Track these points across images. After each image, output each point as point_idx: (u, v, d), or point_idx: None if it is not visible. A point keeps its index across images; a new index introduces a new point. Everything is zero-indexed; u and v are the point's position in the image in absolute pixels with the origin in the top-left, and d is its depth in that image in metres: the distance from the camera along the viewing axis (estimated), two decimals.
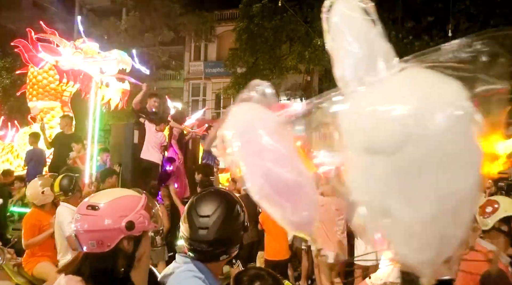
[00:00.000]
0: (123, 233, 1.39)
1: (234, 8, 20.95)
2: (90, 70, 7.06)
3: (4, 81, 19.02)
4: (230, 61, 17.91)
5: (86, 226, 1.38)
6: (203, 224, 1.48)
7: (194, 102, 23.56)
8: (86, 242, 1.38)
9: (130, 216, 1.40)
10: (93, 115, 6.94)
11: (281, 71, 17.71)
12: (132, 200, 1.46)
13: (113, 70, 7.13)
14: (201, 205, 1.53)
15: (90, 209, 1.40)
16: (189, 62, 24.72)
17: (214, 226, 1.48)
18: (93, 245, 1.37)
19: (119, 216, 1.39)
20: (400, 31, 15.91)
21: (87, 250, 1.39)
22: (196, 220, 1.50)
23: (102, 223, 1.37)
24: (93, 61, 7.14)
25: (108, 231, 1.37)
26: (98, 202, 1.42)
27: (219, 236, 1.48)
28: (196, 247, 1.50)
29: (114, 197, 1.45)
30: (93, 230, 1.37)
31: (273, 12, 15.74)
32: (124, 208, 1.42)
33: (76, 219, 1.42)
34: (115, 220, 1.38)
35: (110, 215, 1.39)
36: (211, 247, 1.48)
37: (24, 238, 4.14)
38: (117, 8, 23.01)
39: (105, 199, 1.43)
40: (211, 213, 1.50)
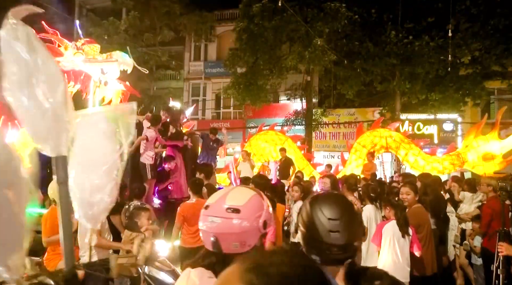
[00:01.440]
0: (260, 232, 1.45)
1: (234, 8, 20.94)
2: (91, 71, 7.07)
3: None
4: (230, 61, 17.89)
5: (230, 228, 1.43)
6: (333, 227, 1.46)
7: (194, 102, 23.55)
8: (229, 244, 1.43)
9: (263, 215, 1.47)
10: None
11: (281, 71, 17.70)
12: (259, 199, 1.51)
13: (115, 72, 7.14)
14: (327, 208, 1.51)
15: (231, 211, 1.44)
16: (189, 62, 24.72)
17: (345, 230, 1.47)
18: (236, 246, 1.43)
19: (257, 216, 1.45)
20: (400, 31, 15.91)
21: (227, 251, 1.43)
22: (326, 222, 1.48)
23: (245, 224, 1.42)
24: (94, 62, 7.14)
25: (250, 231, 1.43)
26: (236, 204, 1.45)
27: (349, 240, 1.48)
28: (325, 250, 1.47)
29: (247, 197, 1.48)
30: (237, 233, 1.42)
31: (273, 12, 15.71)
32: (258, 208, 1.47)
33: (214, 222, 1.45)
34: (255, 221, 1.44)
35: (250, 216, 1.44)
36: (341, 251, 1.47)
37: (44, 235, 4.17)
38: (117, 8, 23.00)
39: (241, 200, 1.47)
40: (340, 216, 1.48)
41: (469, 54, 15.65)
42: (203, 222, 1.49)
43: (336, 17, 15.38)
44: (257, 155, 12.51)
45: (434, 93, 16.42)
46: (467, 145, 11.00)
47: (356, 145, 11.94)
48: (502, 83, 16.59)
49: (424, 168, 10.95)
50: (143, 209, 4.68)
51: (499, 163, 10.46)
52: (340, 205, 1.53)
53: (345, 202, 1.58)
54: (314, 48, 15.05)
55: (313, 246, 1.50)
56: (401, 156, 11.64)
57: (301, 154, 12.34)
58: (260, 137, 12.85)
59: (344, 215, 1.49)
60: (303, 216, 1.55)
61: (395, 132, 11.82)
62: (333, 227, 1.46)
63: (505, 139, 10.58)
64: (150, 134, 6.73)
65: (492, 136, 10.58)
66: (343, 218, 1.48)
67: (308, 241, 1.52)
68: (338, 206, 1.52)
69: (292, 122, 18.72)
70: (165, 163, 7.46)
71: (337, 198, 1.60)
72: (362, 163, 11.34)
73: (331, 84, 19.35)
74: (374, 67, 16.37)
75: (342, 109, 20.18)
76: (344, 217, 1.49)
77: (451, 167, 11.14)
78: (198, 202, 5.35)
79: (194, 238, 5.23)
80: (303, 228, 1.54)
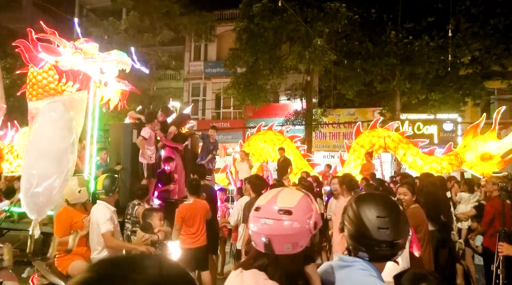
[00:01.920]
0: (311, 233, 1.46)
1: (234, 8, 20.95)
2: (89, 70, 7.05)
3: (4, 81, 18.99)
4: (230, 61, 17.89)
5: (283, 230, 1.43)
6: (382, 224, 1.51)
7: (194, 102, 23.54)
8: (281, 245, 1.43)
9: (313, 216, 1.48)
10: (92, 115, 6.94)
11: (281, 71, 17.70)
12: (308, 200, 1.51)
13: (113, 71, 7.12)
14: (375, 206, 1.56)
15: (283, 213, 1.44)
16: (189, 62, 24.72)
17: (393, 227, 1.51)
18: (289, 247, 1.43)
19: (308, 217, 1.46)
20: (400, 31, 15.91)
21: (280, 252, 1.44)
22: (374, 220, 1.52)
23: (297, 226, 1.43)
24: (92, 62, 7.12)
25: (302, 232, 1.44)
26: (288, 206, 1.46)
27: (397, 237, 1.52)
28: (374, 246, 1.52)
29: (297, 199, 1.49)
30: (289, 234, 1.43)
31: (273, 12, 15.70)
32: (308, 209, 1.48)
33: (266, 223, 1.45)
34: (306, 222, 1.45)
35: (302, 217, 1.45)
36: (389, 247, 1.51)
37: (56, 234, 4.18)
38: (117, 8, 23.01)
39: (292, 201, 1.47)
40: (388, 214, 1.53)
41: (469, 54, 15.64)
42: (254, 224, 1.49)
43: (336, 17, 15.38)
44: (256, 155, 12.50)
45: (434, 93, 16.41)
46: (465, 145, 11.00)
47: (355, 145, 11.94)
48: (502, 83, 16.59)
49: (422, 168, 10.96)
50: (155, 210, 4.69)
51: (497, 163, 10.46)
52: (386, 204, 1.58)
53: (391, 200, 1.63)
54: (314, 48, 15.05)
55: (361, 243, 1.54)
56: (400, 155, 11.64)
57: (300, 154, 12.34)
58: (259, 137, 12.84)
59: (392, 213, 1.54)
60: (350, 214, 1.59)
61: (393, 132, 11.81)
62: (382, 224, 1.51)
63: (503, 139, 10.57)
64: (145, 132, 6.71)
65: (490, 136, 10.57)
66: (391, 215, 1.53)
67: (356, 238, 1.56)
68: (385, 204, 1.57)
69: (292, 122, 18.71)
70: (165, 164, 7.45)
71: (382, 197, 1.66)
72: (361, 163, 11.34)
73: (331, 84, 19.35)
74: (374, 67, 16.37)
75: (342, 109, 20.17)
76: (392, 214, 1.54)
77: (449, 167, 11.14)
78: (195, 203, 5.35)
79: (193, 238, 5.24)
80: (350, 226, 1.58)
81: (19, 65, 10.81)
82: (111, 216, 4.01)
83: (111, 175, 4.46)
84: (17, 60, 14.64)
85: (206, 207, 5.41)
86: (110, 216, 3.99)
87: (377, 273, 1.52)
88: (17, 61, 15.39)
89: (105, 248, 3.99)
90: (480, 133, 10.79)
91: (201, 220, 5.29)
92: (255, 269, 1.46)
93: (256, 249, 1.51)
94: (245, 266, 1.51)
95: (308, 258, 1.51)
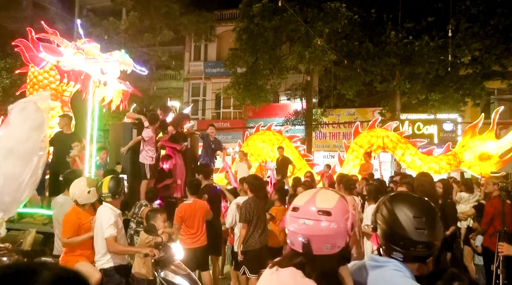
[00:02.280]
0: (348, 234, 1.47)
1: (234, 8, 20.95)
2: (91, 71, 7.05)
3: (4, 81, 19.01)
4: (230, 61, 17.89)
5: (322, 231, 1.44)
6: (419, 224, 1.49)
7: (194, 102, 23.55)
8: (320, 246, 1.44)
9: (350, 217, 1.48)
10: (92, 115, 6.94)
11: (281, 71, 17.70)
12: (344, 201, 1.52)
13: (115, 72, 7.12)
14: (410, 206, 1.54)
15: (322, 214, 1.45)
16: (189, 62, 24.72)
17: (430, 227, 1.50)
18: (327, 248, 1.44)
19: (346, 218, 1.46)
20: (400, 31, 15.91)
21: (318, 252, 1.45)
22: (411, 220, 1.51)
23: (336, 226, 1.44)
24: (94, 62, 7.13)
25: (341, 233, 1.45)
26: (327, 206, 1.46)
27: (434, 238, 1.50)
28: (410, 247, 1.50)
29: (335, 200, 1.50)
30: (329, 234, 1.44)
31: (273, 12, 15.70)
32: (346, 210, 1.48)
33: (306, 224, 1.46)
34: (344, 222, 1.46)
35: (340, 218, 1.45)
36: (425, 248, 1.50)
37: (64, 235, 4.16)
38: (117, 8, 23.02)
39: (330, 202, 1.48)
40: (425, 214, 1.52)
41: (469, 54, 15.65)
42: (292, 224, 1.49)
43: (336, 17, 15.38)
44: (254, 155, 12.51)
45: (434, 93, 16.41)
46: (463, 145, 11.01)
47: (353, 145, 11.94)
48: (502, 83, 16.59)
49: (420, 168, 10.97)
50: (159, 211, 4.66)
51: (495, 163, 10.47)
52: (422, 204, 1.57)
53: (426, 201, 1.61)
54: (314, 48, 15.05)
55: (396, 243, 1.52)
56: (398, 156, 11.64)
57: (299, 154, 12.34)
58: (258, 137, 12.85)
59: (428, 213, 1.53)
60: (384, 214, 1.57)
61: (392, 132, 11.82)
62: (419, 225, 1.49)
63: (501, 139, 10.58)
64: (147, 134, 6.70)
65: (489, 136, 10.58)
66: (428, 216, 1.52)
67: (391, 238, 1.54)
68: (421, 205, 1.56)
69: (292, 122, 18.71)
70: (163, 162, 7.45)
71: (417, 197, 1.64)
72: (359, 163, 11.35)
73: (331, 84, 19.35)
74: (374, 67, 16.37)
75: (342, 109, 20.18)
76: (429, 215, 1.52)
77: (447, 167, 11.14)
78: (195, 203, 5.35)
79: (193, 238, 5.23)
80: (384, 225, 1.56)
81: (19, 65, 10.81)
82: (115, 220, 3.95)
83: (116, 177, 4.38)
84: (17, 60, 14.63)
85: (205, 207, 5.40)
86: (114, 220, 3.94)
87: (410, 274, 1.50)
88: (17, 61, 15.38)
89: (107, 252, 3.97)
90: (480, 133, 10.80)
91: (200, 220, 5.28)
92: (292, 267, 1.47)
93: (292, 248, 1.51)
94: (282, 264, 1.51)
95: (343, 259, 1.51)
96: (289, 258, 1.52)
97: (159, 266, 4.11)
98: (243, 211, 5.16)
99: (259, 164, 12.36)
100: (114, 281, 3.98)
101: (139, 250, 4.05)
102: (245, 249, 5.16)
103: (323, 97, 20.84)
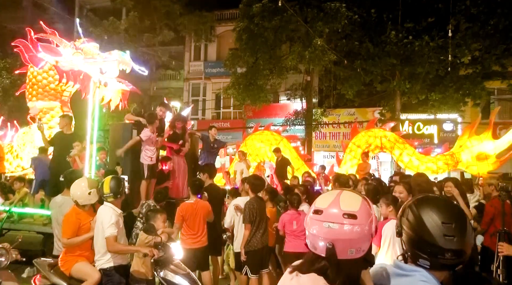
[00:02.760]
0: (372, 237, 1.43)
1: (234, 8, 20.95)
2: (90, 70, 7.04)
3: (4, 81, 19.03)
4: (230, 61, 17.89)
5: (347, 234, 1.40)
6: (448, 231, 1.41)
7: (194, 102, 23.57)
8: (345, 250, 1.40)
9: (373, 219, 1.44)
10: (92, 115, 6.93)
11: (281, 71, 17.70)
12: (366, 202, 1.48)
13: (114, 71, 7.11)
14: (439, 211, 1.46)
15: (347, 217, 1.40)
16: (189, 62, 24.73)
17: (460, 235, 1.41)
18: (352, 252, 1.40)
19: (370, 221, 1.43)
20: (400, 31, 15.91)
21: (342, 257, 1.40)
22: (439, 226, 1.43)
23: (362, 230, 1.40)
24: (93, 62, 7.12)
25: (365, 237, 1.41)
26: (352, 209, 1.42)
27: (464, 245, 1.41)
28: (438, 254, 1.42)
29: (359, 202, 1.45)
30: (354, 238, 1.40)
31: (273, 12, 15.69)
32: (369, 212, 1.45)
33: (331, 227, 1.41)
34: (369, 225, 1.42)
35: (365, 221, 1.42)
36: (455, 256, 1.41)
37: (64, 235, 4.16)
38: (117, 8, 23.01)
39: (355, 205, 1.44)
40: (455, 221, 1.43)
41: (469, 54, 15.63)
42: (314, 227, 1.44)
43: (336, 17, 15.37)
44: (253, 155, 12.51)
45: (434, 93, 16.40)
46: (461, 145, 11.01)
47: (351, 144, 11.94)
48: (502, 83, 16.59)
49: (418, 168, 11.00)
50: (159, 212, 4.67)
51: (492, 163, 10.48)
52: (452, 209, 1.49)
53: (455, 205, 1.54)
54: (314, 48, 15.04)
55: (423, 250, 1.44)
56: (396, 155, 11.65)
57: (297, 154, 12.34)
58: (256, 137, 12.85)
59: (458, 220, 1.44)
60: (410, 218, 1.49)
61: (390, 132, 11.82)
62: (448, 231, 1.41)
63: (499, 139, 10.60)
64: (145, 134, 6.68)
65: (486, 136, 10.59)
66: (458, 222, 1.43)
67: (418, 244, 1.46)
68: (450, 210, 1.47)
69: (292, 122, 18.71)
70: (163, 163, 7.44)
71: (445, 201, 1.56)
72: (357, 163, 11.35)
73: (331, 84, 19.34)
74: (374, 67, 16.36)
75: (342, 109, 20.18)
76: (459, 221, 1.44)
77: (445, 166, 11.15)
78: (196, 202, 5.34)
79: (194, 239, 5.21)
80: (410, 231, 1.48)
81: (19, 65, 10.81)
82: (116, 220, 3.95)
83: (116, 177, 4.39)
84: (17, 60, 14.64)
85: (207, 208, 5.38)
86: (115, 220, 3.94)
87: (438, 284, 1.43)
88: (17, 61, 15.39)
89: (107, 252, 3.96)
90: (479, 133, 10.80)
91: (201, 221, 5.27)
92: (314, 273, 1.42)
93: (313, 252, 1.45)
94: (303, 269, 1.46)
95: (366, 263, 1.46)
96: (310, 262, 1.46)
97: (158, 266, 4.11)
98: (247, 211, 5.16)
99: (257, 163, 12.37)
100: (114, 281, 3.98)
101: (138, 249, 4.05)
102: (247, 250, 5.17)
103: (323, 97, 20.85)
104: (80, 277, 4.08)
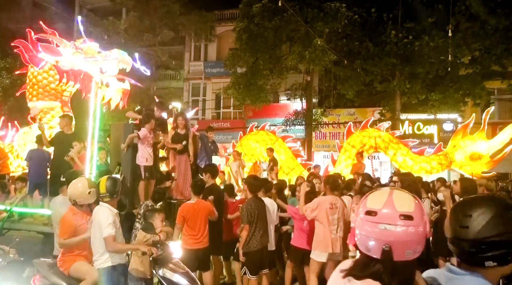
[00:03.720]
0: (426, 237, 1.40)
1: (234, 8, 20.96)
2: (90, 70, 7.04)
3: (4, 81, 19.02)
4: (230, 61, 17.88)
5: (405, 236, 1.37)
6: (463, 222, 1.43)
7: (194, 102, 23.57)
8: (402, 252, 1.37)
9: (427, 219, 1.41)
10: (93, 116, 6.92)
11: (281, 71, 17.71)
12: (419, 202, 1.45)
13: (114, 70, 7.10)
14: (466, 206, 1.48)
15: (404, 218, 1.38)
16: (189, 62, 24.72)
17: (476, 226, 1.40)
18: (409, 254, 1.37)
19: (424, 221, 1.40)
20: (400, 31, 15.91)
21: (399, 259, 1.37)
22: (458, 218, 1.45)
23: (418, 230, 1.38)
24: (93, 61, 7.11)
25: (421, 238, 1.39)
26: (408, 210, 1.39)
27: (479, 237, 1.39)
28: (456, 246, 1.45)
29: (413, 202, 1.43)
30: (412, 240, 1.37)
31: (273, 12, 15.70)
32: (423, 212, 1.42)
33: (387, 229, 1.38)
34: (424, 226, 1.39)
35: (420, 221, 1.39)
36: (473, 248, 1.40)
37: (61, 236, 4.16)
38: (117, 8, 23.02)
39: (410, 205, 1.41)
40: (473, 213, 1.42)
41: (469, 54, 15.64)
42: (368, 228, 1.41)
43: (336, 17, 15.37)
44: (248, 155, 12.52)
45: (434, 93, 16.41)
46: (454, 145, 11.03)
47: (346, 145, 11.97)
48: (502, 83, 16.59)
49: (412, 168, 11.02)
50: (157, 211, 4.66)
51: (486, 163, 10.50)
52: (481, 203, 1.47)
53: (495, 201, 1.49)
54: (314, 48, 15.05)
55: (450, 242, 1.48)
56: (390, 155, 11.66)
57: (292, 154, 12.35)
58: (251, 137, 12.86)
59: (481, 212, 1.42)
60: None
61: (384, 132, 11.84)
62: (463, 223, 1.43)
63: (492, 139, 10.62)
64: (142, 132, 6.67)
65: (480, 136, 10.61)
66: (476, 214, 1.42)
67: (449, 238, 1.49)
68: (476, 204, 1.47)
69: (292, 122, 18.71)
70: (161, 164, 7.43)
71: (485, 199, 1.55)
72: (352, 163, 11.36)
73: (331, 84, 19.35)
74: (374, 67, 16.37)
75: (342, 109, 20.17)
76: (480, 213, 1.42)
77: (438, 166, 11.17)
78: (198, 203, 5.32)
79: (195, 239, 5.18)
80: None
81: (19, 65, 10.81)
82: (113, 220, 3.95)
83: (112, 177, 4.39)
84: (17, 60, 14.64)
85: (209, 208, 5.35)
86: (112, 219, 3.93)
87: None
88: (17, 61, 15.39)
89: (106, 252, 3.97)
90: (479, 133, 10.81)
91: (203, 221, 5.23)
92: (369, 279, 1.39)
93: (366, 255, 1.42)
94: (357, 275, 1.42)
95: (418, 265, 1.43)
96: (363, 265, 1.43)
97: (157, 264, 4.12)
98: (245, 212, 5.14)
99: (253, 163, 12.38)
100: (112, 280, 3.99)
101: (137, 247, 4.05)
102: (246, 250, 5.15)
103: (323, 97, 20.84)
104: (78, 276, 4.09)
